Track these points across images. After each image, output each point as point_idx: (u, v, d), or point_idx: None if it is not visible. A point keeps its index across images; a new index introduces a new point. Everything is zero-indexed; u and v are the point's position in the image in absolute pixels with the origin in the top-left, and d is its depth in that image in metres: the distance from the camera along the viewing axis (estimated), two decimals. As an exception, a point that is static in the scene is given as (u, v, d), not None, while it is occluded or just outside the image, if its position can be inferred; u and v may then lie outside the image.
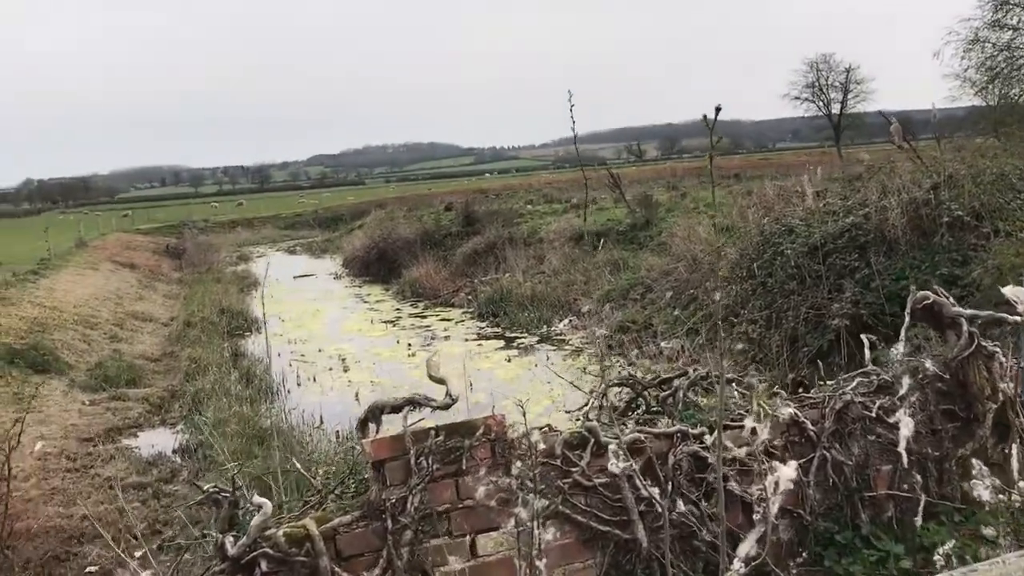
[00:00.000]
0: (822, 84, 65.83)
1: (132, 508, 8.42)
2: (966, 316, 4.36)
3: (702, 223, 17.62)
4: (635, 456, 3.96)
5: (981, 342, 4.29)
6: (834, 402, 4.41)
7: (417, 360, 14.71)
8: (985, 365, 4.29)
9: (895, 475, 4.32)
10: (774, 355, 11.16)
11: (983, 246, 10.34)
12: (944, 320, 4.43)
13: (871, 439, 4.36)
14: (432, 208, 37.06)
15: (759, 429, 3.84)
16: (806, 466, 4.17)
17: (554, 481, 3.88)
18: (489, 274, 21.84)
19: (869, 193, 12.44)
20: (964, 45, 30.43)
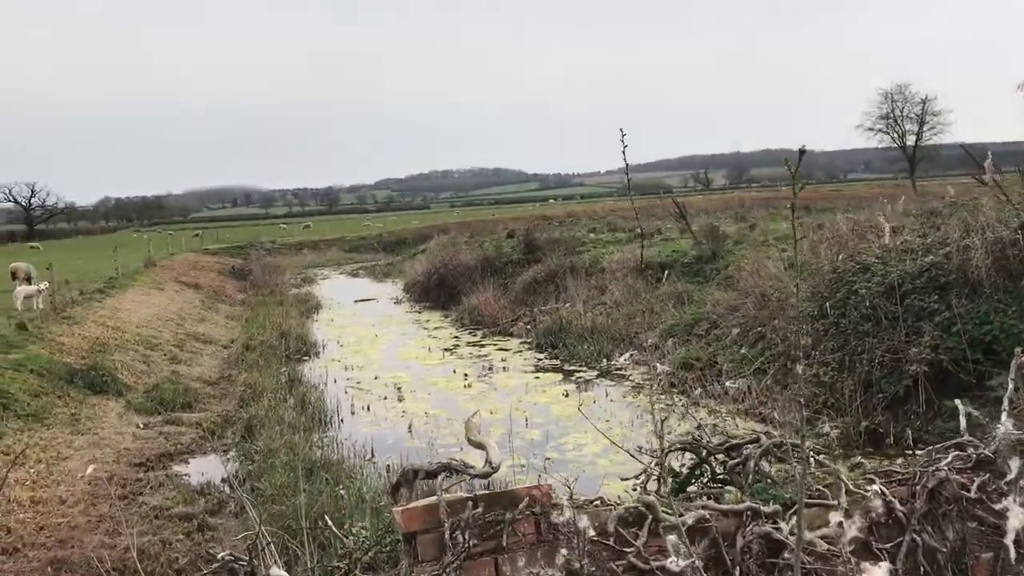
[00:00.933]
0: (897, 115, 64.27)
1: (176, 540, 8.25)
2: (1083, 385, 3.87)
3: (772, 257, 17.03)
4: (699, 536, 3.54)
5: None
6: (926, 479, 3.93)
7: (473, 391, 14.42)
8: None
9: (997, 564, 3.84)
10: (847, 400, 10.57)
11: (1078, 291, 9.66)
12: (1057, 389, 3.94)
13: (969, 523, 3.88)
14: (494, 234, 36.88)
15: (846, 525, 3.40)
16: (894, 551, 3.70)
17: (606, 563, 3.45)
18: (549, 304, 21.49)
19: (950, 231, 11.80)
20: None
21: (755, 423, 11.18)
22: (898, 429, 9.92)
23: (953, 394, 9.74)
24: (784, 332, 12.73)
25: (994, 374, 9.55)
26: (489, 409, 12.96)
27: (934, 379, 10.04)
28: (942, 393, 9.90)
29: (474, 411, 3.53)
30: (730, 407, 11.92)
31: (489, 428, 11.61)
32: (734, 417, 11.49)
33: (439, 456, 10.62)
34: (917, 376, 10.03)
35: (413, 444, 11.31)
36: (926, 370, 9.99)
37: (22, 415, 11.60)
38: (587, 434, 10.86)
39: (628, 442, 10.72)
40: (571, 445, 10.75)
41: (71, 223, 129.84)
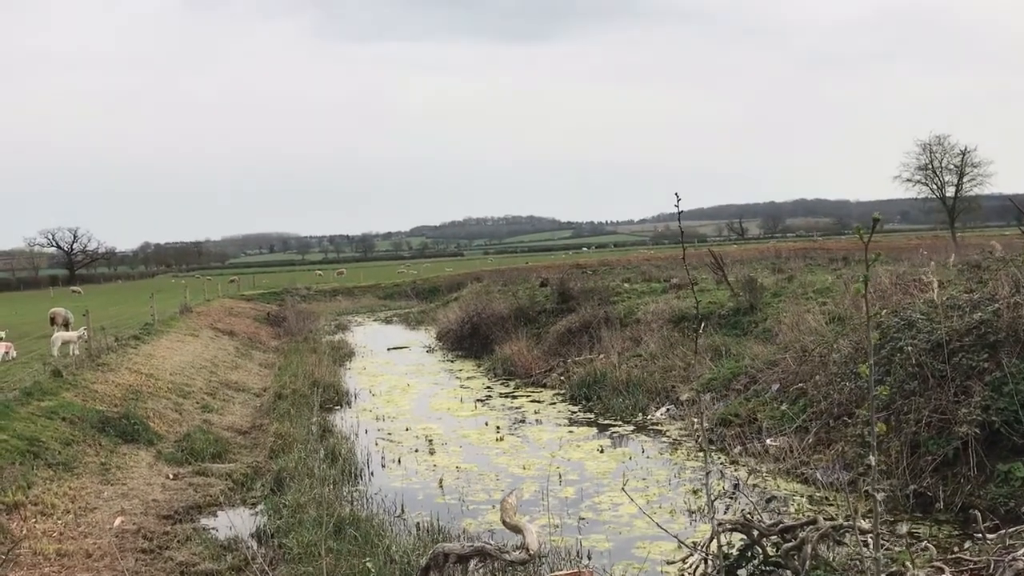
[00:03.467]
0: (935, 166, 63.61)
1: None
2: None
3: (811, 311, 16.69)
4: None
5: None
6: (1002, 570, 3.65)
7: (505, 445, 14.15)
8: None
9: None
10: (893, 461, 10.18)
11: None
12: None
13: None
14: (527, 283, 36.77)
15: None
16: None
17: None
18: (583, 354, 21.22)
19: (999, 287, 11.45)
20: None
21: (797, 483, 10.81)
22: (948, 493, 9.52)
23: (1006, 457, 9.37)
24: (826, 389, 12.37)
25: (1050, 437, 9.16)
26: (522, 464, 12.71)
27: (985, 441, 9.64)
28: (994, 456, 9.50)
29: (511, 490, 3.33)
30: (771, 466, 11.55)
31: (522, 485, 11.36)
32: (775, 477, 11.12)
33: (470, 514, 10.40)
34: (967, 438, 9.63)
35: (443, 501, 11.06)
36: (976, 432, 9.60)
37: (52, 464, 11.54)
38: (622, 493, 10.55)
39: (666, 502, 10.43)
40: (607, 504, 10.44)
41: (111, 268, 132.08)
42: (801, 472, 11.06)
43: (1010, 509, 8.51)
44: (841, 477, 10.46)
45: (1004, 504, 8.76)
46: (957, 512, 9.13)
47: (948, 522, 9.09)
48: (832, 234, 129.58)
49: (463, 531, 9.66)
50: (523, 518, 3.35)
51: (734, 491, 10.39)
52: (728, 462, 12.19)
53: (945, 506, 9.40)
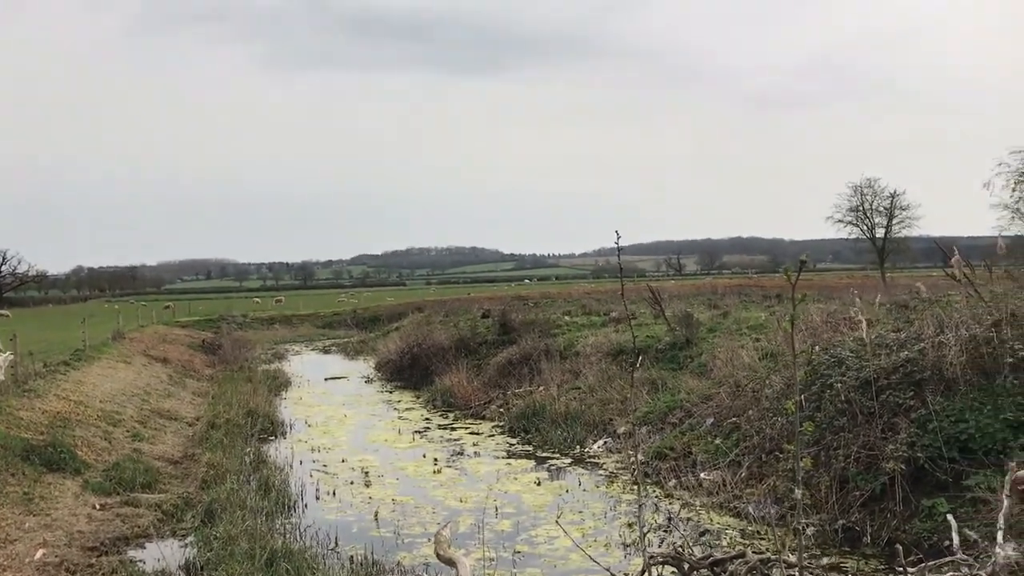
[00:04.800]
0: (866, 208, 65.55)
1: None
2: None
3: (745, 346, 17.01)
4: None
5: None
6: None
7: (442, 477, 14.09)
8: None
9: None
10: (823, 496, 10.40)
11: (1051, 391, 9.65)
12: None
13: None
14: (469, 314, 36.75)
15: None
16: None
17: None
18: (523, 386, 21.27)
19: (924, 327, 11.84)
20: (1015, 177, 30.16)
21: (730, 517, 10.97)
22: (875, 528, 9.75)
23: (931, 493, 9.65)
24: (759, 424, 12.61)
25: (970, 473, 9.47)
26: (459, 497, 12.67)
27: (910, 477, 9.92)
28: (919, 491, 9.78)
29: (445, 523, 3.35)
30: (704, 500, 11.70)
31: (459, 518, 11.32)
32: (708, 511, 11.26)
33: (405, 547, 10.34)
34: (894, 474, 9.90)
35: (378, 534, 10.96)
36: (902, 468, 9.88)
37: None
38: (558, 525, 10.58)
39: (601, 535, 10.49)
40: (543, 537, 10.45)
41: (42, 291, 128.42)
42: (734, 506, 11.23)
43: (933, 543, 8.74)
44: (772, 511, 10.65)
45: (928, 539, 9.00)
46: (884, 546, 9.34)
47: (875, 556, 9.30)
48: (767, 272, 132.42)
49: (398, 564, 9.59)
50: (457, 551, 3.38)
51: (668, 524, 10.51)
52: (663, 495, 12.32)
53: (872, 540, 9.62)
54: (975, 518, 8.51)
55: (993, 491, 8.51)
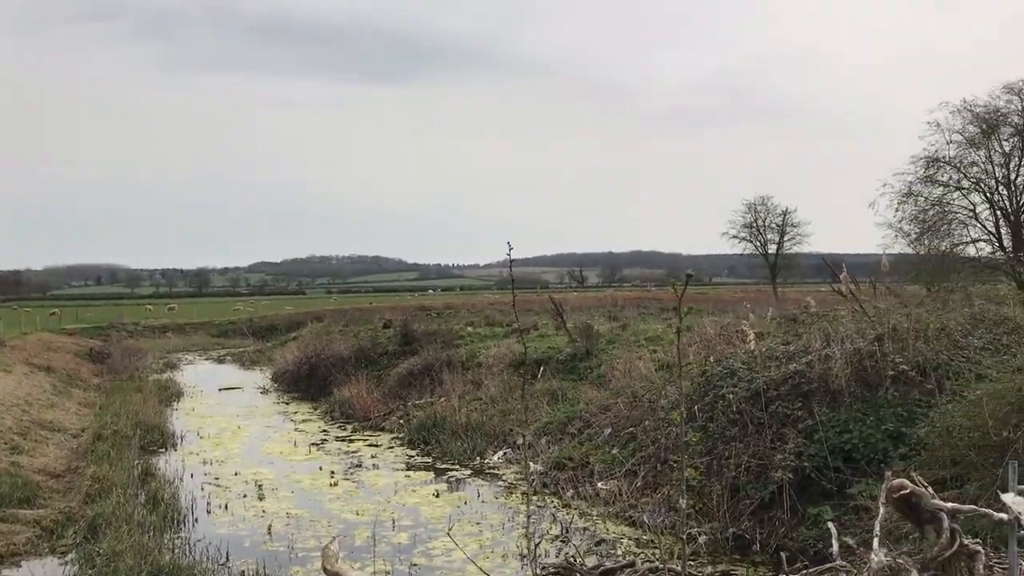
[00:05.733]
0: (759, 225, 67.80)
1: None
2: (947, 510, 3.95)
3: (643, 358, 17.33)
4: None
5: (963, 540, 3.88)
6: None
7: (339, 490, 13.87)
8: (967, 567, 3.86)
9: None
10: (714, 505, 10.65)
11: (928, 402, 10.14)
12: (923, 513, 4.00)
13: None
14: (370, 324, 36.36)
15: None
16: None
17: None
18: (424, 397, 21.16)
19: (812, 340, 12.27)
20: (898, 198, 31.62)
21: (625, 526, 11.13)
22: (764, 535, 10.04)
23: (816, 501, 10.00)
24: (654, 434, 12.84)
25: (853, 482, 9.85)
26: (355, 510, 12.49)
27: (798, 486, 10.25)
28: (805, 500, 10.11)
29: (333, 536, 3.29)
30: (601, 510, 11.84)
31: (355, 531, 11.16)
32: (605, 520, 11.40)
33: (298, 561, 10.13)
34: (782, 482, 10.22)
35: (272, 548, 10.70)
36: (790, 477, 10.20)
37: None
38: (457, 537, 10.52)
39: (499, 546, 10.50)
40: (440, 550, 10.39)
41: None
42: (629, 515, 11.39)
43: (818, 550, 9.04)
44: (665, 520, 10.85)
45: (813, 545, 9.31)
46: (772, 553, 9.61)
47: (764, 563, 9.57)
48: (665, 285, 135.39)
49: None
50: (345, 565, 3.31)
51: (564, 534, 10.59)
52: (561, 505, 12.41)
53: (761, 548, 9.90)
54: (857, 525, 8.85)
55: (874, 499, 8.83)
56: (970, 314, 12.10)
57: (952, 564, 3.91)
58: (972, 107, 31.14)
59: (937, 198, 31.62)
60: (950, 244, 31.31)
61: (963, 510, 4.03)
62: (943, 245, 31.19)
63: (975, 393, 9.11)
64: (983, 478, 8.28)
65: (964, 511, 4.03)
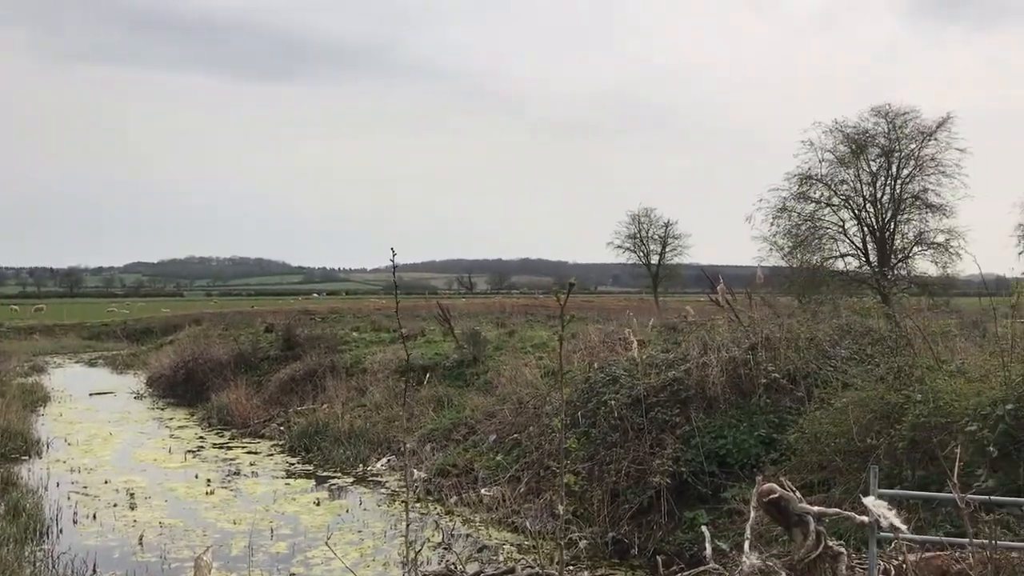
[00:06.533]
0: (643, 236, 69.43)
1: None
2: (813, 513, 4.12)
3: (529, 365, 17.48)
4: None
5: (828, 542, 4.06)
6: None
7: (215, 499, 13.45)
8: (831, 567, 4.04)
9: None
10: (595, 510, 10.84)
11: (798, 409, 10.57)
12: (791, 516, 4.17)
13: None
14: (252, 328, 35.44)
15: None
16: None
17: None
18: (306, 404, 20.77)
19: (690, 348, 12.63)
20: (773, 212, 33.00)
21: (508, 532, 11.19)
22: (642, 540, 10.27)
23: (692, 505, 10.30)
24: (538, 440, 12.97)
25: (727, 486, 10.19)
26: (232, 519, 12.14)
27: (675, 491, 10.54)
28: (682, 504, 10.40)
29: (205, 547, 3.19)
30: (484, 516, 11.87)
31: (231, 540, 10.85)
32: (488, 527, 11.43)
33: (171, 572, 9.79)
34: (660, 487, 10.48)
35: (143, 559, 10.30)
36: (668, 481, 10.48)
37: None
38: (337, 546, 10.38)
39: (380, 554, 10.39)
40: (319, 559, 10.20)
41: None
42: (512, 521, 11.47)
43: (693, 553, 9.30)
44: (547, 525, 10.97)
45: (689, 549, 9.58)
46: (650, 557, 9.84)
47: (642, 567, 9.79)
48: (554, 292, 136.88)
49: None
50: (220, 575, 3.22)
51: (447, 541, 10.57)
52: (444, 512, 12.38)
53: (639, 552, 10.13)
54: (731, 528, 9.16)
55: (747, 502, 9.17)
56: (838, 325, 12.69)
57: (817, 565, 4.09)
58: (843, 128, 32.86)
59: (809, 214, 33.17)
60: (821, 258, 32.87)
61: (828, 513, 4.22)
62: (814, 259, 32.71)
63: (841, 401, 9.56)
64: (848, 482, 8.70)
65: (829, 514, 4.22)
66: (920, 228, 33.01)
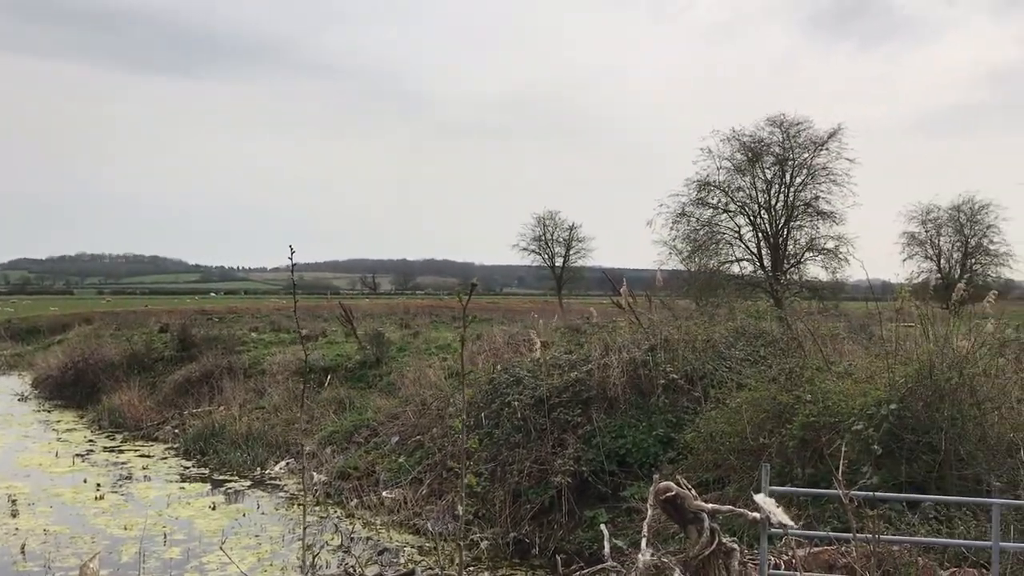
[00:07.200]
0: (548, 238, 70.10)
1: None
2: (707, 511, 4.23)
3: (433, 366, 17.42)
4: None
5: (722, 539, 4.17)
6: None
7: (105, 504, 12.96)
8: (724, 563, 4.15)
9: None
10: (497, 511, 10.87)
11: (695, 409, 10.83)
12: (686, 514, 4.26)
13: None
14: (145, 328, 34.33)
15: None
16: None
17: None
18: (202, 406, 20.22)
19: (593, 349, 12.80)
20: (673, 217, 33.76)
21: (410, 535, 11.12)
22: (543, 539, 10.35)
23: (592, 505, 10.43)
24: (442, 442, 12.94)
25: (627, 485, 10.36)
26: (123, 524, 11.72)
27: (576, 490, 10.66)
28: (583, 503, 10.53)
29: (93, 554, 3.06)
30: (385, 518, 11.77)
31: (121, 547, 10.49)
32: (389, 529, 11.34)
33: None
34: (561, 487, 10.59)
35: (25, 568, 9.82)
36: (569, 481, 10.59)
37: None
38: (234, 551, 10.14)
39: (278, 558, 10.19)
40: (215, 564, 9.93)
41: None
42: (414, 523, 11.40)
43: (593, 552, 9.43)
44: (449, 527, 10.95)
45: (588, 547, 9.70)
46: (550, 557, 9.93)
47: (542, 566, 9.86)
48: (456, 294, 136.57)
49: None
50: None
51: (347, 545, 10.44)
52: (345, 515, 12.22)
53: (540, 551, 10.21)
54: (629, 526, 9.32)
55: (645, 501, 9.36)
56: (733, 328, 13.05)
57: (711, 561, 4.20)
58: (740, 136, 33.85)
59: (707, 219, 34.07)
60: (718, 262, 33.79)
61: (722, 510, 4.34)
62: (711, 263, 33.61)
63: (736, 401, 9.84)
64: (741, 480, 8.96)
65: (723, 511, 4.34)
66: (811, 234, 34.29)
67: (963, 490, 7.70)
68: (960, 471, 7.90)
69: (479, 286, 3.65)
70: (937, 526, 7.37)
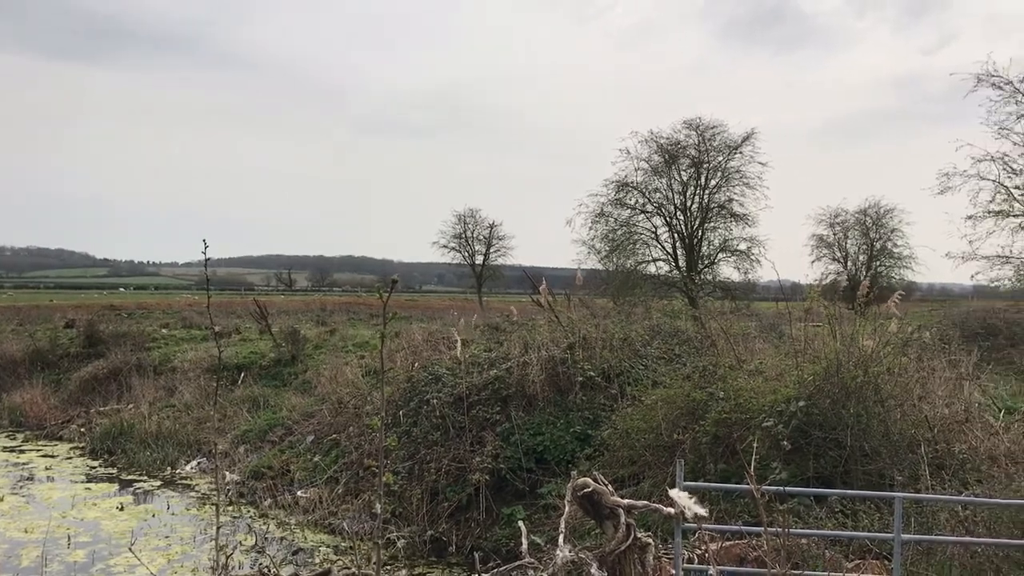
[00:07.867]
0: (468, 236, 70.03)
1: None
2: (623, 506, 4.29)
3: (350, 364, 17.24)
4: None
5: (637, 534, 4.23)
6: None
7: (5, 507, 12.44)
8: (639, 558, 4.22)
9: None
10: (414, 509, 10.83)
11: (611, 406, 10.98)
12: (603, 510, 4.31)
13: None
14: (50, 323, 33.05)
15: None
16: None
17: None
18: (110, 404, 19.59)
19: (512, 348, 12.86)
20: (592, 217, 34.09)
21: (325, 534, 10.99)
22: (460, 537, 10.35)
23: (510, 501, 10.49)
24: (358, 440, 12.82)
25: (544, 482, 10.44)
26: (24, 527, 11.28)
27: (494, 487, 10.70)
28: (501, 500, 10.58)
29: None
30: (300, 518, 11.60)
31: (21, 550, 10.10)
32: (303, 529, 11.18)
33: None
34: (479, 484, 10.61)
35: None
36: (487, 479, 10.62)
37: None
38: (143, 552, 9.86)
39: (189, 559, 9.96)
40: (122, 566, 9.64)
41: None
42: (329, 523, 11.27)
43: (510, 549, 9.48)
44: (365, 526, 10.86)
45: (506, 545, 9.76)
46: (468, 554, 9.94)
47: (459, 564, 9.87)
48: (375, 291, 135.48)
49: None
50: None
51: (260, 545, 10.25)
52: (258, 515, 12.00)
53: (457, 549, 10.21)
54: (547, 523, 9.39)
55: (562, 497, 9.45)
56: (649, 326, 13.29)
57: (627, 556, 4.26)
58: (657, 138, 34.35)
59: (625, 219, 34.49)
60: (635, 262, 34.24)
61: (637, 506, 4.41)
62: (629, 262, 34.05)
63: (651, 398, 10.02)
64: (656, 476, 9.13)
65: (638, 507, 4.41)
66: (725, 236, 35.01)
67: (867, 484, 7.99)
68: (865, 466, 8.19)
69: (399, 283, 3.64)
70: (843, 519, 7.63)
